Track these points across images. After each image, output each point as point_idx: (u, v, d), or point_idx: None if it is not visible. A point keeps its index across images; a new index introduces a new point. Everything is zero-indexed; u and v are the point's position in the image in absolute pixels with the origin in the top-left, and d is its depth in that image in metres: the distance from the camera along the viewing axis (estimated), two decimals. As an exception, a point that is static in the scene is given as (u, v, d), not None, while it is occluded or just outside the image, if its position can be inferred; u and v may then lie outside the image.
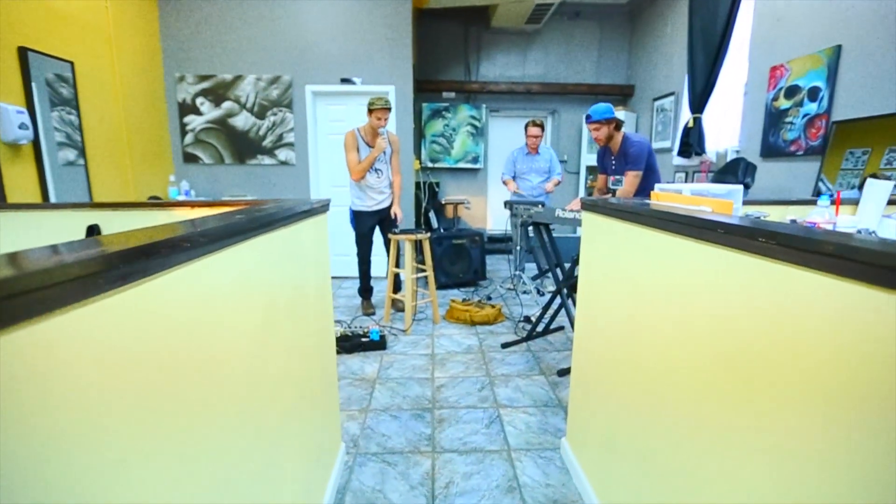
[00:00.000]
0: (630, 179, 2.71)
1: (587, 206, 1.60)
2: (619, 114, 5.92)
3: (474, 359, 2.82)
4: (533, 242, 4.23)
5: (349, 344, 2.91)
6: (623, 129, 2.84)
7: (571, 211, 2.61)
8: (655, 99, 5.40)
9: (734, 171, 3.36)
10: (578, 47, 6.16)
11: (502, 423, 2.11)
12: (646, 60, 5.69)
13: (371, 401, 2.31)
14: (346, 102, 4.56)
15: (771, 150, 3.55)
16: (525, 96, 6.21)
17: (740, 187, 1.27)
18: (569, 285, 2.76)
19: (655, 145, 5.18)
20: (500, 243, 6.27)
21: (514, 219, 3.06)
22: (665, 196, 1.36)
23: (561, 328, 3.32)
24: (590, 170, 6.28)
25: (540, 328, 3.15)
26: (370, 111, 3.34)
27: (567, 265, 2.88)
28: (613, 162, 2.91)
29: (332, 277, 4.94)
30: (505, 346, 3.00)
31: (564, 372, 2.58)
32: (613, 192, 2.16)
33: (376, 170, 3.49)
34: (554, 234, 3.11)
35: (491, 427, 2.07)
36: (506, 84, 6.06)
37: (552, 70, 6.21)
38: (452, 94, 6.16)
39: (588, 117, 2.77)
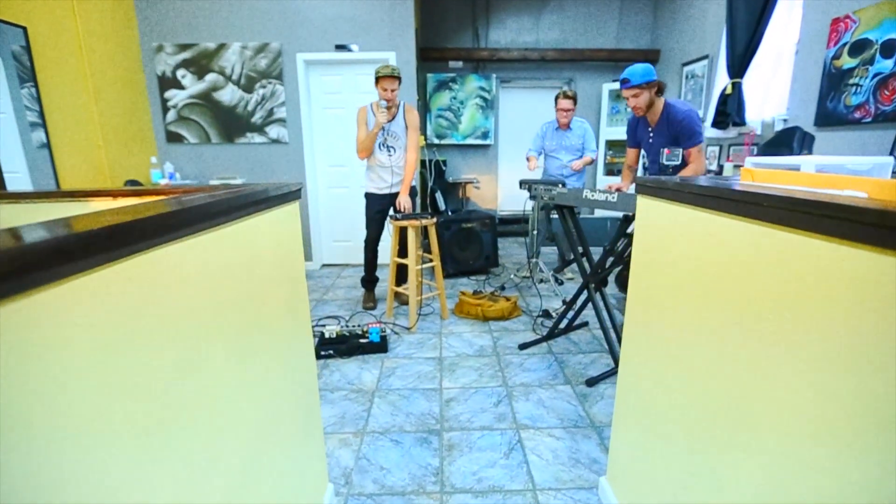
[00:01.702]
0: (696, 155, 2.29)
1: (645, 187, 1.20)
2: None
3: (488, 363, 2.47)
4: (555, 228, 3.81)
5: (346, 346, 2.56)
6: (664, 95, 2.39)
7: (604, 192, 2.19)
8: (685, 64, 4.86)
9: (787, 142, 2.90)
10: (597, 8, 5.59)
11: (524, 450, 1.75)
12: (674, 21, 5.12)
13: (368, 419, 1.96)
14: (342, 72, 4.11)
15: (829, 117, 3.07)
16: (539, 64, 5.68)
17: (890, 160, 0.87)
18: (598, 279, 2.37)
19: (685, 116, 4.68)
20: (511, 225, 5.85)
21: (533, 201, 2.65)
22: (768, 175, 0.95)
23: (585, 324, 2.95)
24: (609, 144, 5.79)
25: (561, 324, 2.77)
26: (376, 81, 2.92)
27: (596, 249, 2.48)
28: (651, 134, 2.47)
29: (331, 265, 4.62)
30: (523, 346, 2.64)
31: (594, 381, 2.22)
32: (665, 170, 1.75)
33: (388, 146, 3.07)
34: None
35: (511, 457, 1.72)
36: (518, 51, 5.54)
37: (569, 35, 5.66)
38: (460, 64, 5.66)
39: (625, 82, 2.32)
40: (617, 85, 5.68)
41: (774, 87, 3.68)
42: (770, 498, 0.77)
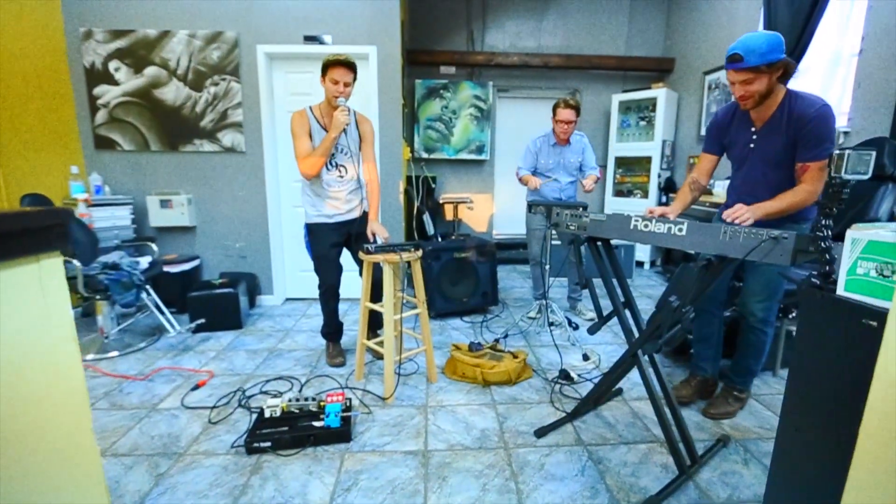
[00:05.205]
0: (817, 175, 1.62)
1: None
2: (657, 92, 4.82)
3: (494, 463, 1.72)
4: (588, 272, 3.08)
5: (290, 435, 1.79)
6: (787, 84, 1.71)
7: (659, 220, 1.50)
8: (708, 72, 4.30)
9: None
10: (605, 13, 5.05)
11: None
12: (692, 25, 4.58)
13: (306, 590, 1.20)
14: (312, 68, 3.43)
15: (914, 128, 2.47)
16: (541, 71, 5.09)
17: None
18: (655, 348, 1.66)
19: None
20: (509, 251, 5.16)
21: (555, 230, 1.95)
22: None
23: (619, 392, 2.23)
24: (619, 162, 5.18)
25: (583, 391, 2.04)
26: (324, 73, 2.24)
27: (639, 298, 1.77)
28: (754, 137, 1.80)
29: (296, 299, 3.85)
30: (540, 433, 1.90)
31: (657, 500, 1.48)
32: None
33: (338, 165, 2.37)
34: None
35: None
36: (518, 56, 4.94)
37: (574, 40, 5.09)
38: (452, 69, 5.04)
39: (735, 59, 1.58)
40: (628, 96, 5.09)
41: (830, 94, 3.09)
42: None
